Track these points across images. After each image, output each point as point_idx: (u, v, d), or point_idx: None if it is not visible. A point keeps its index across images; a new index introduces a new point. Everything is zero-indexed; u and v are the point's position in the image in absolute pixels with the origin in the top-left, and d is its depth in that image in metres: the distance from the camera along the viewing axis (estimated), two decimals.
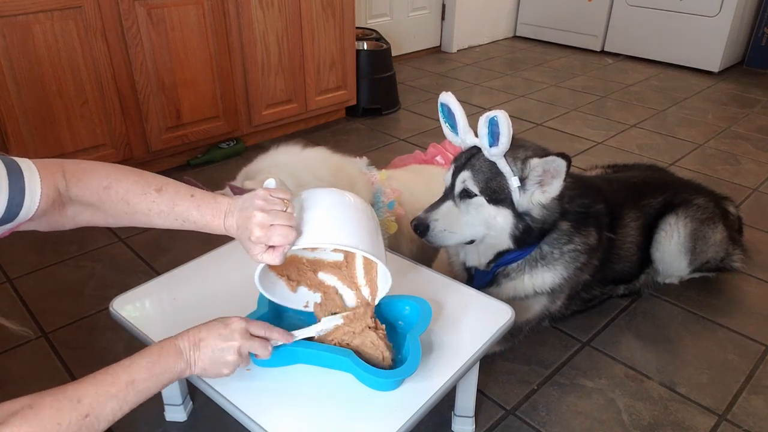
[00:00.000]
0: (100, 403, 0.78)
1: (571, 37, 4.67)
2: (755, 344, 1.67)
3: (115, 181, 0.95)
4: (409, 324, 1.13)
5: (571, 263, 1.48)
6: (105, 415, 0.78)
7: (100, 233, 2.15)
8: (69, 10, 2.10)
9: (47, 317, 1.73)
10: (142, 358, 0.85)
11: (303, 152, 1.70)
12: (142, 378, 0.83)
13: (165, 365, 0.86)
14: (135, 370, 0.83)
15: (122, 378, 0.81)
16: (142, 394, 0.83)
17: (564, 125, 3.19)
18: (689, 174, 2.58)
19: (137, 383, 0.82)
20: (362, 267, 1.09)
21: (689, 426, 1.40)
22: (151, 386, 0.84)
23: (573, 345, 1.66)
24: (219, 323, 0.94)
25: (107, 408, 0.78)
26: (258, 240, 0.90)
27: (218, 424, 1.38)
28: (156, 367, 0.85)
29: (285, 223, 0.90)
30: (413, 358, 1.00)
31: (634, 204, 1.73)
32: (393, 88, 3.42)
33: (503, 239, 1.40)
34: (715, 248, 1.80)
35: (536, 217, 1.37)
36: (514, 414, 1.43)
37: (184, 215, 0.96)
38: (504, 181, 1.33)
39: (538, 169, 1.31)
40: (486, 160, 1.34)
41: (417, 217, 1.41)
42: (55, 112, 2.19)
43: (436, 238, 1.39)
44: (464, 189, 1.36)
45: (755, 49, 4.16)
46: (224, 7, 2.50)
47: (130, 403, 0.82)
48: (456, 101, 1.37)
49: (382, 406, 0.98)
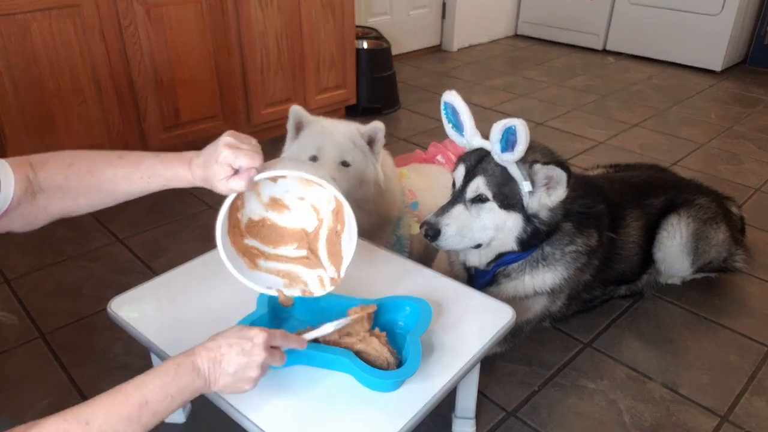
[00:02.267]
0: (110, 426, 0.73)
1: (573, 35, 4.66)
2: (757, 345, 1.66)
3: (78, 157, 0.97)
4: (408, 325, 1.13)
5: (572, 264, 1.47)
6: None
7: (99, 233, 2.14)
8: (67, 9, 2.09)
9: (45, 318, 1.72)
10: (156, 377, 0.80)
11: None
12: (156, 399, 0.78)
13: (181, 385, 0.81)
14: (148, 391, 0.78)
15: (134, 398, 0.77)
16: (158, 416, 0.78)
17: (565, 125, 3.18)
18: (691, 174, 2.56)
19: (151, 405, 0.77)
20: (326, 249, 1.10)
21: (691, 427, 1.39)
22: (167, 407, 0.79)
23: (574, 346, 1.65)
24: (239, 336, 0.88)
25: (118, 430, 0.74)
26: (224, 160, 0.90)
27: (217, 426, 1.36)
28: (171, 387, 0.80)
29: (252, 149, 0.92)
30: (413, 360, 0.99)
31: (635, 204, 1.72)
32: (393, 87, 3.41)
33: (509, 242, 1.39)
34: (718, 248, 1.79)
35: (543, 219, 1.37)
36: (515, 416, 1.42)
37: (150, 170, 0.95)
38: (515, 185, 1.33)
39: (541, 174, 1.32)
40: (497, 164, 1.33)
41: (427, 221, 1.37)
42: (53, 111, 2.18)
43: (447, 243, 1.36)
44: (478, 194, 1.35)
45: (758, 47, 4.15)
46: (223, 5, 2.48)
47: (143, 424, 0.77)
48: (462, 101, 1.36)
49: (383, 408, 0.98)
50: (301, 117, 1.56)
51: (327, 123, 1.56)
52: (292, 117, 1.56)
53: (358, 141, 1.53)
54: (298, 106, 1.56)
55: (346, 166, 1.51)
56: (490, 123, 1.26)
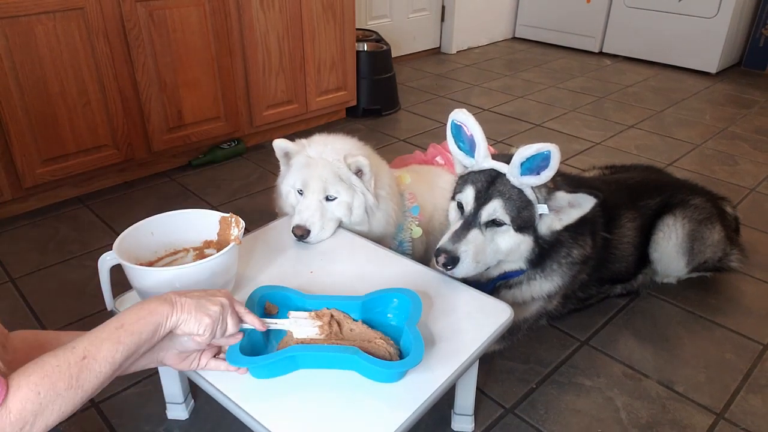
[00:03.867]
0: (95, 346, 0.82)
1: (570, 38, 4.69)
2: (753, 343, 1.68)
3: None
4: (399, 316, 1.14)
5: (568, 272, 1.50)
6: (103, 356, 0.82)
7: (103, 233, 2.16)
8: (71, 12, 2.11)
9: (49, 316, 1.74)
10: (128, 309, 0.91)
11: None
12: (129, 321, 0.87)
13: (150, 308, 0.90)
14: (121, 317, 0.88)
15: (111, 325, 0.86)
16: (136, 336, 0.87)
17: (562, 126, 3.20)
18: (687, 174, 2.59)
19: (126, 326, 0.86)
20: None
21: (687, 425, 1.41)
22: (141, 328, 0.88)
23: (571, 344, 1.67)
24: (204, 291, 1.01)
25: (102, 350, 0.82)
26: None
27: (220, 422, 1.39)
28: (141, 310, 0.90)
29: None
30: (417, 348, 1.00)
31: (631, 204, 1.74)
32: (393, 88, 3.43)
33: (519, 262, 1.40)
34: (713, 248, 1.81)
35: (547, 240, 1.37)
36: (513, 412, 1.44)
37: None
38: (532, 209, 1.31)
39: (564, 201, 1.31)
40: (513, 187, 1.30)
41: (443, 249, 1.30)
42: (58, 113, 2.20)
43: (465, 270, 1.30)
44: (493, 218, 1.31)
45: (753, 50, 4.18)
46: (225, 8, 2.51)
47: (125, 344, 0.85)
48: (475, 121, 1.31)
49: (383, 404, 0.99)
50: (286, 149, 1.55)
51: (314, 152, 1.53)
52: (278, 150, 1.56)
53: (344, 173, 1.51)
54: (280, 139, 1.55)
55: (331, 200, 1.51)
56: (490, 124, 1.28)
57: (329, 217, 1.51)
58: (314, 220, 1.46)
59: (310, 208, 1.48)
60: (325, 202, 1.51)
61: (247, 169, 2.71)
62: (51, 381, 0.76)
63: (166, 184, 2.56)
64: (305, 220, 1.46)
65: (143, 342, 0.88)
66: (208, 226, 1.28)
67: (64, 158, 2.27)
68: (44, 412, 0.75)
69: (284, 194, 1.59)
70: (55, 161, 2.25)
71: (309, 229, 1.45)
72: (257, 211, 2.28)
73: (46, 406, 0.75)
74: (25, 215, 2.28)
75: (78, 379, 0.79)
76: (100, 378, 0.82)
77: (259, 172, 2.67)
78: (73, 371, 0.78)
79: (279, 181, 1.62)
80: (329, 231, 1.50)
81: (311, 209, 1.48)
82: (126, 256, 1.14)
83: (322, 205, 1.50)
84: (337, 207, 1.52)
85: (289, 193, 1.57)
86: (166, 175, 2.63)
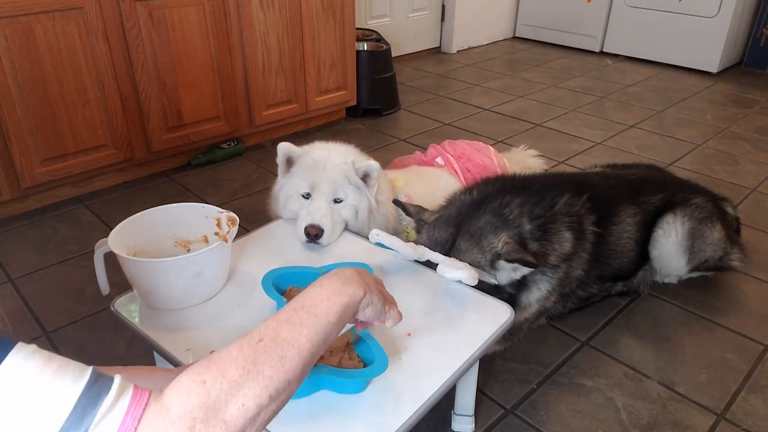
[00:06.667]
0: (272, 329, 0.73)
1: (570, 37, 4.68)
2: (754, 344, 1.68)
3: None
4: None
5: (553, 276, 1.51)
6: (282, 339, 0.72)
7: (102, 233, 2.15)
8: (70, 11, 2.11)
9: (49, 317, 1.74)
10: (302, 292, 0.82)
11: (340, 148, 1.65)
12: (310, 303, 0.79)
13: (332, 288, 0.82)
14: (300, 299, 0.80)
15: (290, 306, 0.78)
16: (320, 318, 0.77)
17: (563, 125, 3.20)
18: (688, 174, 2.59)
19: (307, 307, 0.78)
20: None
21: (688, 425, 1.41)
22: (325, 309, 0.79)
23: (572, 344, 1.67)
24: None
25: (281, 333, 0.73)
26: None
27: None
28: (322, 291, 0.81)
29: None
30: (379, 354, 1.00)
31: (631, 200, 1.74)
32: (393, 88, 3.43)
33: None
34: (713, 247, 1.81)
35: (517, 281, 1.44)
36: (514, 413, 1.44)
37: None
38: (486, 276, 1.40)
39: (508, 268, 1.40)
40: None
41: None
42: (57, 113, 2.19)
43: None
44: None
45: (754, 49, 4.17)
46: (225, 7, 2.50)
47: (308, 326, 0.75)
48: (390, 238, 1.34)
49: (383, 405, 0.99)
50: (290, 153, 1.55)
51: (319, 155, 1.54)
52: (281, 153, 1.55)
53: (352, 177, 1.53)
54: (285, 142, 1.55)
55: (338, 202, 1.52)
56: (490, 124, 1.28)
57: (337, 219, 1.51)
58: (326, 221, 1.46)
59: (321, 210, 1.47)
60: (333, 204, 1.51)
61: (246, 168, 2.71)
62: (218, 367, 0.66)
63: (165, 184, 2.55)
64: (318, 220, 1.45)
65: (331, 326, 0.78)
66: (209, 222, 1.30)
67: (63, 158, 2.26)
68: (217, 404, 0.63)
69: (283, 200, 1.57)
70: (54, 161, 2.25)
71: (323, 228, 1.45)
72: (257, 211, 2.28)
73: (218, 396, 0.63)
74: (24, 215, 2.27)
75: (256, 364, 0.68)
76: (285, 364, 0.70)
77: (259, 172, 2.67)
78: (248, 354, 0.68)
79: (277, 188, 1.61)
80: (338, 233, 1.50)
81: (322, 210, 1.47)
82: (124, 245, 1.17)
83: (331, 207, 1.50)
84: (344, 209, 1.53)
85: (289, 198, 1.56)
86: (165, 175, 2.62)
